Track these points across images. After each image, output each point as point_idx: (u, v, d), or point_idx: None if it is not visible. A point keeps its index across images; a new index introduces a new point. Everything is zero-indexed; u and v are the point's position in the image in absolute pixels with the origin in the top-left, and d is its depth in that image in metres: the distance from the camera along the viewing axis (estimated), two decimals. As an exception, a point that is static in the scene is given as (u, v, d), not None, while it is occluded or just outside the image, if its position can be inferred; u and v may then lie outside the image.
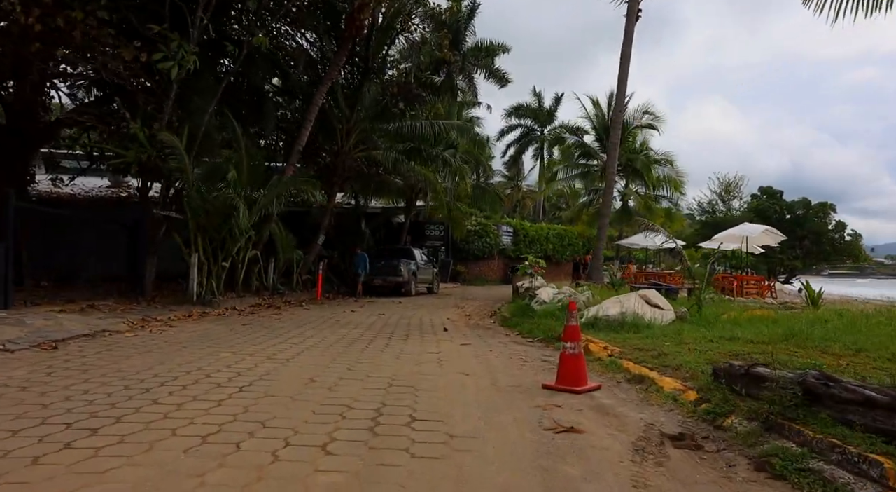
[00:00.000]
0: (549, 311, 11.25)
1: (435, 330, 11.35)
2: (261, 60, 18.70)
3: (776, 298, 21.67)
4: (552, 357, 7.88)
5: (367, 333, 10.28)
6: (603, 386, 5.85)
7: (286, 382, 5.83)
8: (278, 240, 18.89)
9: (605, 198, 18.52)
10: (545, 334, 9.85)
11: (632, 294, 9.46)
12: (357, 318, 13.33)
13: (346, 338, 9.54)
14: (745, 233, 21.57)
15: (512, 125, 41.74)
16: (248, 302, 15.66)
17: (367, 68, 20.63)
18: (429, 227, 30.21)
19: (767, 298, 21.41)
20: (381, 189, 24.93)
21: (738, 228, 22.31)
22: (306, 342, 8.83)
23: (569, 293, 12.30)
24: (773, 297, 21.69)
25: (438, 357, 7.76)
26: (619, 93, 17.73)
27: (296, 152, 17.10)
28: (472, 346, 9.02)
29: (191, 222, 13.99)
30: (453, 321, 13.44)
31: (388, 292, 21.94)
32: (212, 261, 15.01)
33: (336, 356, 7.57)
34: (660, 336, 7.88)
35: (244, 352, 7.60)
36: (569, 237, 36.94)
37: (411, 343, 9.16)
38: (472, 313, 15.92)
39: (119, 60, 12.48)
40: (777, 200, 35.07)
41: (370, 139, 21.27)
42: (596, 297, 11.20)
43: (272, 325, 11.15)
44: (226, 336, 9.19)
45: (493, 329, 11.95)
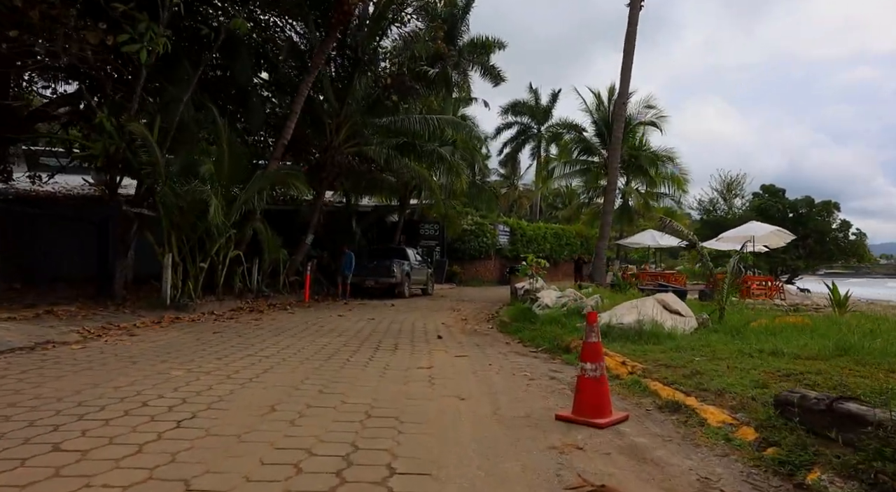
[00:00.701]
0: (553, 316, 10.12)
1: (428, 337, 10.21)
2: (246, 53, 17.55)
3: (784, 300, 20.63)
4: (560, 373, 6.75)
5: (352, 342, 9.13)
6: (630, 416, 4.71)
7: (239, 412, 4.67)
8: (263, 239, 17.69)
9: (608, 194, 17.41)
10: (550, 344, 8.72)
11: (648, 299, 8.35)
12: (343, 323, 12.17)
13: (326, 348, 8.38)
14: (753, 232, 20.52)
15: (508, 123, 40.61)
16: (229, 306, 14.49)
17: (358, 60, 19.46)
18: (423, 226, 29.07)
19: (776, 299, 20.36)
20: (374, 187, 23.77)
21: (744, 226, 21.27)
22: (280, 355, 7.68)
23: (573, 296, 11.18)
24: (782, 298, 20.63)
25: (430, 373, 6.61)
26: (623, 81, 16.61)
27: (280, 146, 15.93)
28: (469, 358, 7.88)
29: (164, 220, 12.81)
30: (448, 327, 12.31)
31: (380, 294, 20.79)
32: (189, 261, 13.85)
33: (310, 373, 6.42)
34: (686, 349, 6.75)
35: (202, 369, 6.43)
36: (566, 237, 35.83)
37: (400, 354, 8.02)
38: (469, 317, 14.79)
39: (84, 44, 11.30)
40: (780, 198, 34.00)
41: (361, 134, 20.11)
42: (605, 300, 10.07)
43: (247, 332, 9.98)
44: (189, 348, 8.03)
45: (492, 336, 10.82)
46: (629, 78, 16.59)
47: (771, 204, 32.84)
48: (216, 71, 19.47)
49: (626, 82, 16.59)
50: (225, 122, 14.31)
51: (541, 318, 10.61)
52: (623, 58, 16.66)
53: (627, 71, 16.44)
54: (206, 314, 12.83)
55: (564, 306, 10.51)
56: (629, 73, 16.52)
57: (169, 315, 11.89)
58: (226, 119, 15.96)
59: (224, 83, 18.99)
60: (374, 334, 10.37)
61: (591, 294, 11.78)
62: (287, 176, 14.99)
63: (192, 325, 10.99)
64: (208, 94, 18.95)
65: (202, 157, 13.06)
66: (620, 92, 16.90)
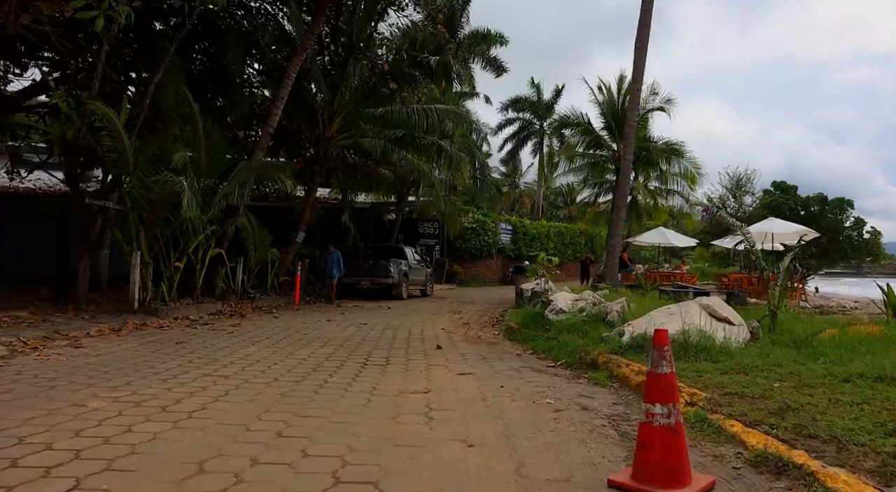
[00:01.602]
0: (571, 323, 8.63)
1: (426, 347, 8.74)
2: (234, 41, 16.08)
3: (808, 301, 19.16)
4: (592, 399, 5.27)
5: (337, 355, 7.65)
6: (715, 481, 3.22)
7: (148, 479, 3.18)
8: (249, 236, 16.22)
9: (621, 188, 15.90)
10: (571, 357, 7.24)
11: (690, 303, 6.87)
12: (332, 330, 10.69)
13: (304, 364, 6.90)
14: (773, 229, 19.05)
15: (509, 119, 39.05)
16: (208, 309, 13.02)
17: (353, 45, 17.97)
18: (422, 224, 27.58)
19: (800, 300, 18.88)
20: (370, 182, 22.26)
21: (765, 222, 19.81)
22: (245, 373, 6.19)
23: (592, 300, 9.70)
24: (805, 299, 19.13)
25: (427, 401, 5.13)
26: (638, 64, 15.07)
27: (266, 134, 14.43)
28: (475, 376, 6.40)
29: (131, 214, 11.33)
30: (449, 333, 10.84)
31: (376, 295, 19.32)
32: (163, 260, 12.38)
33: (273, 403, 4.94)
34: (753, 369, 5.26)
35: (134, 398, 4.95)
36: (570, 235, 34.33)
37: (391, 372, 6.54)
38: (471, 321, 13.33)
39: (40, 15, 9.83)
40: (791, 195, 32.48)
41: (356, 125, 18.62)
42: (632, 305, 8.58)
43: (217, 342, 8.49)
44: (136, 364, 6.54)
45: (499, 345, 9.34)
46: (644, 59, 15.05)
47: (782, 201, 31.32)
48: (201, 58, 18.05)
49: (642, 63, 15.02)
50: (198, 108, 12.78)
51: (555, 325, 9.12)
52: (637, 32, 15.12)
53: (643, 50, 14.90)
54: (180, 319, 11.35)
55: (583, 312, 9.03)
56: (644, 54, 14.98)
57: (134, 321, 10.40)
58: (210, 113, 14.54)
59: (210, 73, 17.54)
60: (363, 344, 8.89)
61: (610, 297, 10.29)
62: (272, 169, 13.48)
63: (158, 332, 9.50)
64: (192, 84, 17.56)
65: (176, 144, 11.55)
66: (635, 77, 15.38)
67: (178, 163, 11.04)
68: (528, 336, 9.47)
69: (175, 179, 10.63)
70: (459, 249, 28.15)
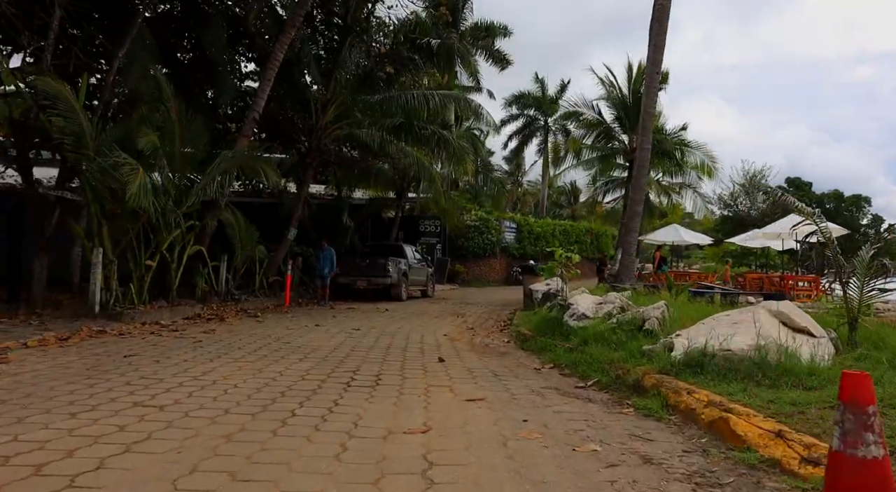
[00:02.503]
0: (598, 332, 7.14)
1: (426, 359, 7.26)
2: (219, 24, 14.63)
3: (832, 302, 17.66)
4: (653, 444, 3.78)
5: (316, 372, 6.17)
6: None
7: None
8: (235, 233, 14.77)
9: (637, 180, 14.40)
10: (605, 375, 5.76)
11: (758, 310, 5.38)
12: (318, 337, 9.21)
13: (271, 386, 5.42)
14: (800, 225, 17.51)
15: (513, 115, 37.50)
16: (184, 312, 11.54)
17: (347, 28, 16.51)
18: (423, 222, 26.08)
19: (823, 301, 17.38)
20: (367, 177, 20.79)
21: (789, 218, 18.25)
22: (188, 402, 4.72)
23: (620, 303, 8.21)
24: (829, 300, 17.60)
25: (426, 449, 3.65)
26: (657, 40, 13.50)
27: (251, 120, 12.95)
28: (488, 404, 4.92)
29: (92, 206, 9.86)
30: (452, 340, 9.36)
31: (374, 296, 17.84)
32: (132, 259, 10.92)
33: (208, 453, 3.46)
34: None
35: (11, 446, 3.47)
36: (575, 234, 32.79)
37: (381, 398, 5.06)
38: (476, 325, 11.85)
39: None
40: (806, 192, 30.95)
41: (351, 114, 17.16)
42: (672, 310, 7.08)
43: (175, 355, 7.01)
44: (51, 389, 5.06)
45: (512, 356, 7.86)
46: (664, 37, 13.54)
47: (797, 198, 29.66)
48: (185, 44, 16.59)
49: (661, 41, 13.48)
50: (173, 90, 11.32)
51: (578, 332, 7.64)
52: (654, 3, 13.60)
53: (662, 26, 13.41)
54: (147, 325, 9.88)
55: (611, 317, 7.53)
56: (664, 30, 13.48)
57: (90, 327, 8.93)
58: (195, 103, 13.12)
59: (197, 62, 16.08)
60: (352, 355, 7.41)
61: (640, 301, 8.79)
62: (255, 160, 11.97)
63: (113, 342, 8.02)
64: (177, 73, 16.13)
65: (142, 126, 10.06)
66: (653, 59, 13.82)
67: (145, 147, 9.55)
68: (546, 345, 7.99)
69: (130, 161, 9.13)
70: (462, 247, 26.65)
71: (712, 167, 23.88)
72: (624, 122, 23.51)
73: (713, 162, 23.91)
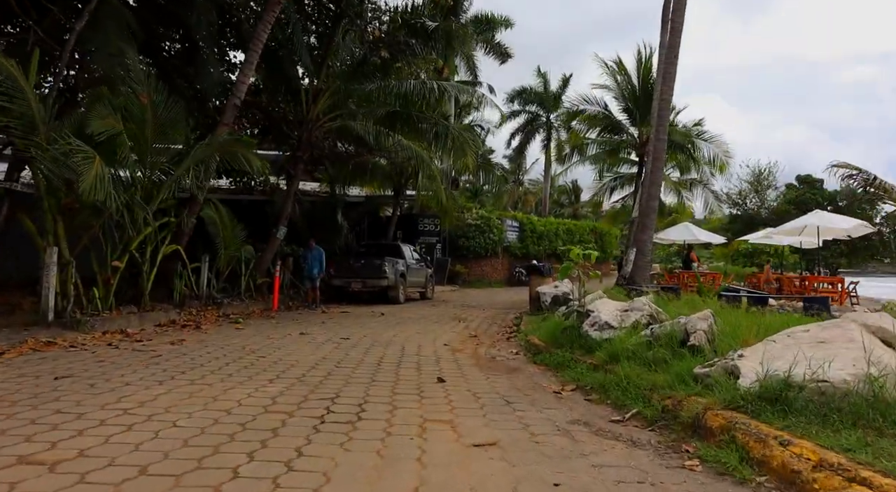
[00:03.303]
0: (628, 346, 5.88)
1: (422, 378, 6.02)
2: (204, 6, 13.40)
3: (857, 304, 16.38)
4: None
5: (285, 400, 4.92)
6: None
7: None
8: (219, 232, 13.52)
9: (654, 173, 13.14)
10: (648, 406, 4.51)
11: (848, 324, 4.14)
12: (300, 348, 7.95)
13: (223, 422, 4.17)
14: (822, 223, 16.29)
15: (514, 111, 36.17)
16: (157, 319, 10.30)
17: (341, 12, 15.25)
18: (422, 220, 24.80)
19: (846, 304, 16.11)
20: (363, 173, 19.53)
21: (811, 215, 17.04)
22: (99, 454, 3.46)
23: (650, 310, 6.96)
24: (855, 303, 16.33)
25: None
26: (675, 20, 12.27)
27: (231, 107, 11.68)
28: (503, 450, 3.67)
29: (45, 200, 8.60)
30: (454, 351, 8.12)
31: (370, 299, 16.60)
32: (95, 260, 9.67)
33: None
34: None
35: None
36: (579, 233, 31.51)
37: (360, 441, 3.80)
38: (480, 332, 10.62)
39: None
40: (818, 189, 29.64)
41: (345, 105, 15.92)
42: (719, 320, 5.82)
43: (119, 376, 5.74)
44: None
45: (523, 371, 6.63)
46: (683, 16, 12.28)
47: (809, 196, 28.51)
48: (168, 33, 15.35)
49: (680, 20, 12.24)
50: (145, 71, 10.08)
51: (602, 346, 6.40)
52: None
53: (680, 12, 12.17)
54: (109, 334, 8.64)
55: (644, 329, 6.27)
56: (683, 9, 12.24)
57: (39, 338, 7.70)
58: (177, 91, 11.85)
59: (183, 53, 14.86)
60: (335, 373, 6.16)
61: (670, 309, 7.52)
62: (234, 145, 10.68)
63: (58, 357, 6.77)
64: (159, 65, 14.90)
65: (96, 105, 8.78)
66: (671, 42, 12.59)
67: (96, 130, 8.27)
68: (563, 360, 6.74)
69: (85, 149, 7.87)
70: (462, 247, 25.38)
71: (725, 162, 22.56)
72: (633, 113, 22.16)
73: (727, 156, 22.59)
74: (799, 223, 16.72)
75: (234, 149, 10.52)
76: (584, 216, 44.72)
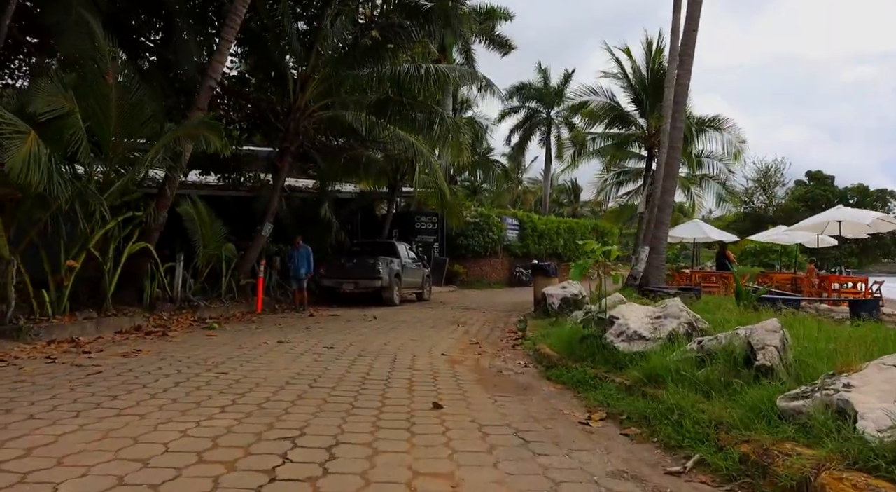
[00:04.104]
0: (670, 363, 4.66)
1: (414, 403, 4.79)
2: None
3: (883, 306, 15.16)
4: None
5: (231, 440, 3.68)
6: None
7: None
8: (197, 228, 12.29)
9: (671, 163, 11.91)
10: (710, 447, 3.29)
11: None
12: (272, 361, 6.71)
13: (128, 485, 2.93)
14: (845, 218, 15.08)
15: (514, 107, 34.88)
16: (119, 325, 9.06)
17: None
18: (419, 218, 23.56)
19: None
20: (356, 168, 18.26)
21: (833, 211, 15.85)
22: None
23: (685, 317, 5.74)
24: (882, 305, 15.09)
25: None
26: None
27: (207, 89, 10.41)
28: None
29: (-20, 189, 7.36)
30: (453, 362, 6.91)
31: (364, 301, 15.37)
32: (46, 259, 8.43)
33: None
34: None
35: None
36: (581, 231, 30.30)
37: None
38: (481, 338, 9.42)
39: None
40: (828, 186, 28.42)
41: (336, 94, 14.69)
42: (786, 331, 4.59)
43: (27, 403, 4.50)
44: None
45: (537, 391, 5.42)
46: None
47: (819, 193, 27.29)
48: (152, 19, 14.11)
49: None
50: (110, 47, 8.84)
51: (634, 361, 5.18)
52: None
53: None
54: (57, 344, 7.40)
55: (693, 342, 5.04)
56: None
57: (-38, 351, 6.45)
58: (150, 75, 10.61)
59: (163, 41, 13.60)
60: (307, 396, 4.93)
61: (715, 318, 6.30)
62: (197, 127, 9.41)
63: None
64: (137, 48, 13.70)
65: (46, 82, 7.54)
66: (690, 13, 11.36)
67: (39, 110, 7.02)
68: (584, 378, 5.53)
69: (17, 124, 6.61)
70: (461, 246, 24.14)
71: (739, 148, 21.25)
72: (643, 104, 20.85)
73: (741, 142, 21.21)
74: (821, 219, 15.51)
75: (199, 131, 9.25)
76: (582, 216, 43.52)
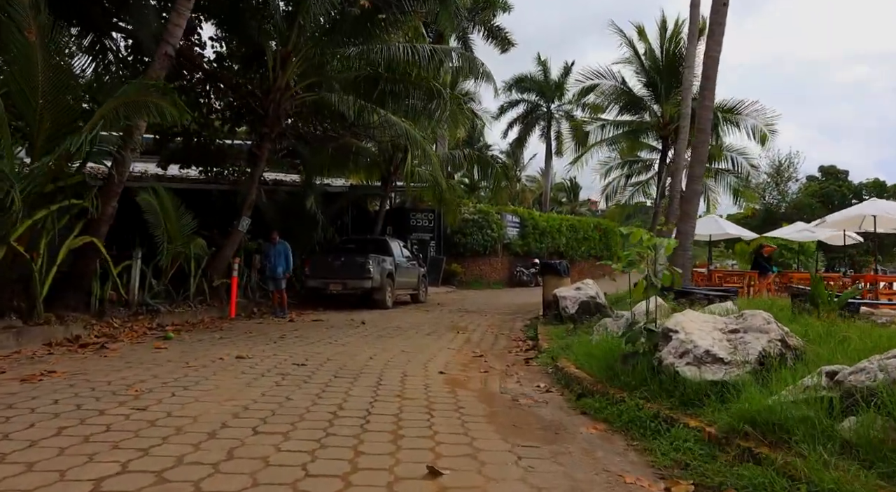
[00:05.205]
0: (789, 407, 3.02)
1: (399, 469, 3.14)
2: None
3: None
4: None
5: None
6: None
7: None
8: (160, 222, 10.65)
9: (699, 147, 10.32)
10: None
11: None
12: (218, 387, 5.07)
13: None
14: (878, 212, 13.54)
15: (513, 100, 33.29)
16: (50, 335, 7.44)
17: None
18: (414, 215, 21.94)
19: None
20: (344, 159, 16.63)
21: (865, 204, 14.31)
22: None
23: (775, 333, 4.13)
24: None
25: None
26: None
27: (162, 56, 8.74)
28: None
29: None
30: (454, 384, 5.30)
31: (354, 303, 13.75)
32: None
33: None
34: None
35: None
36: (583, 229, 28.71)
37: None
38: (486, 349, 7.82)
39: None
40: (843, 182, 26.89)
41: (322, 73, 13.07)
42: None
43: None
44: None
45: (573, 436, 3.78)
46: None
47: (833, 188, 25.75)
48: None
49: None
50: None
51: (707, 393, 3.56)
52: None
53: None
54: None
55: (822, 376, 3.41)
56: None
57: None
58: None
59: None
60: (235, 458, 3.28)
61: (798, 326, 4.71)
62: (147, 92, 7.74)
63: None
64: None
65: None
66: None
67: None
68: (637, 417, 3.92)
69: None
70: (459, 244, 22.53)
71: (766, 133, 19.53)
72: (658, 89, 19.11)
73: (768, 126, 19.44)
74: (853, 213, 13.97)
75: (147, 97, 7.59)
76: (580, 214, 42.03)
